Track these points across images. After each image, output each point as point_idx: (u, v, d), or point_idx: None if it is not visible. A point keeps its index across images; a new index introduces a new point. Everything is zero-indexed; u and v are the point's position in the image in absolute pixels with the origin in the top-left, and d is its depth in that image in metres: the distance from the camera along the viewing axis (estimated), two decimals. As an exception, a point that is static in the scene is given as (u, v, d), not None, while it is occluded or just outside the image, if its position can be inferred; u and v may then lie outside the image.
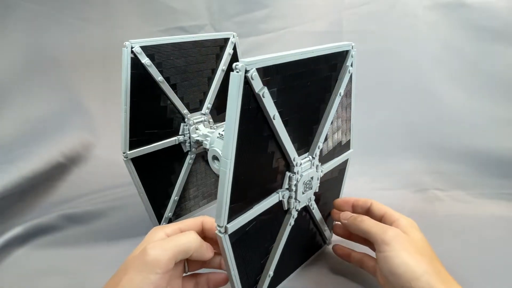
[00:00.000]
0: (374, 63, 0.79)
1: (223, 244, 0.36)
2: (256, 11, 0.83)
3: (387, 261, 0.39)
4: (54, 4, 0.83)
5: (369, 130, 0.82)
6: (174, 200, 0.62)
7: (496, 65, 0.72)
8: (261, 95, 0.34)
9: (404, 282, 0.37)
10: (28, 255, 0.56)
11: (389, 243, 0.39)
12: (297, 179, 0.43)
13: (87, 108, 0.90)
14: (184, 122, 0.59)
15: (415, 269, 0.37)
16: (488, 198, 0.70)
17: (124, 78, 0.50)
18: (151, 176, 0.58)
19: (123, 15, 0.89)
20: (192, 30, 0.87)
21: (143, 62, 0.51)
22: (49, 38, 0.84)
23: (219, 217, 0.35)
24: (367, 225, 0.43)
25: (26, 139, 0.78)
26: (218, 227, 0.35)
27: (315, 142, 0.45)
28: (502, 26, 0.70)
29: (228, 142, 0.33)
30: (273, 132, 0.38)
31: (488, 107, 0.74)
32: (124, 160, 0.54)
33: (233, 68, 0.31)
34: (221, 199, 0.34)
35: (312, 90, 0.41)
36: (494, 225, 0.62)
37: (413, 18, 0.75)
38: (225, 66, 0.63)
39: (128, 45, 0.49)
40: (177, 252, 0.35)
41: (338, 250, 0.52)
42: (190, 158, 0.62)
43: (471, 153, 0.75)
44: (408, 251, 0.39)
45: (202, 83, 0.61)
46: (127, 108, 0.51)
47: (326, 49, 0.41)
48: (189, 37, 0.56)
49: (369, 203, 0.48)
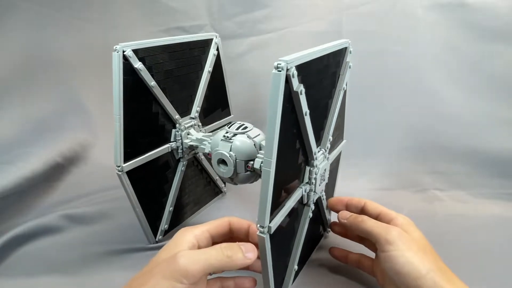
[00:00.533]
0: (374, 63, 0.79)
1: (264, 245, 0.36)
2: (256, 11, 0.83)
3: (391, 261, 0.39)
4: (54, 4, 0.83)
5: (369, 130, 0.82)
6: (169, 211, 0.59)
7: (496, 65, 0.72)
8: (299, 93, 0.35)
9: (410, 281, 0.37)
10: (28, 255, 0.56)
11: (393, 242, 0.40)
12: (316, 172, 0.45)
13: (86, 108, 0.90)
14: (175, 127, 0.57)
15: (420, 268, 0.37)
16: (488, 198, 0.70)
17: (116, 84, 0.46)
18: (145, 188, 0.54)
19: (122, 15, 0.89)
20: (192, 30, 0.87)
21: (136, 67, 0.47)
22: (48, 38, 0.84)
23: (263, 217, 0.35)
24: (369, 225, 0.43)
25: (25, 140, 0.77)
26: (261, 227, 0.35)
27: (325, 136, 0.47)
28: (502, 26, 0.70)
29: (270, 141, 0.33)
30: (301, 128, 0.39)
31: (488, 107, 0.74)
32: (119, 174, 0.49)
33: (275, 67, 0.32)
34: (264, 199, 0.34)
35: (324, 85, 0.44)
36: (494, 225, 0.62)
37: (413, 18, 0.75)
38: (211, 68, 0.61)
39: (119, 48, 0.45)
40: (208, 267, 0.34)
41: (334, 252, 0.52)
42: (182, 165, 0.60)
43: (471, 153, 0.75)
44: (412, 250, 0.39)
45: (189, 86, 0.59)
46: (121, 117, 0.47)
47: (335, 46, 0.43)
48: (174, 38, 0.53)
49: (362, 202, 0.48)
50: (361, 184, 0.77)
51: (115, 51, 0.45)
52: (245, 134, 0.50)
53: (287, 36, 0.83)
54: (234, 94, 0.89)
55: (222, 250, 0.35)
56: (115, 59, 0.45)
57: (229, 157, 0.48)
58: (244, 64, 0.86)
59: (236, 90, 0.89)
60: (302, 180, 0.44)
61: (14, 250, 0.56)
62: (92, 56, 0.89)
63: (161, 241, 0.59)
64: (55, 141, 0.81)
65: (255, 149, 0.49)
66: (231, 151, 0.49)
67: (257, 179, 0.52)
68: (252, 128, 0.51)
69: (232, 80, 0.89)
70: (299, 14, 0.81)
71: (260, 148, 0.50)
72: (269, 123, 0.33)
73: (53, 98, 0.85)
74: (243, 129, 0.50)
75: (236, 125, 0.52)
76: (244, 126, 0.51)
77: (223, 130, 0.52)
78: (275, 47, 0.84)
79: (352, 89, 0.77)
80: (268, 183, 0.34)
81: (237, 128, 0.51)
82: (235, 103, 0.89)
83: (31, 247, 0.58)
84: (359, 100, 0.81)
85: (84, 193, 0.73)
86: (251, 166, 0.49)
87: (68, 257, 0.55)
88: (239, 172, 0.49)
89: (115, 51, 0.45)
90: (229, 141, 0.49)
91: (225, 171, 0.50)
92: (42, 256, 0.55)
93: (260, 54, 0.85)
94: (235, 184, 0.53)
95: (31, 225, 0.60)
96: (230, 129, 0.51)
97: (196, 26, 0.87)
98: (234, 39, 0.86)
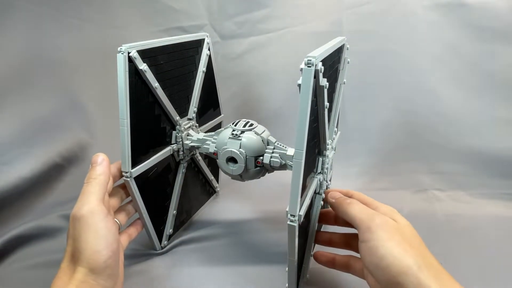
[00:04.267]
0: (374, 63, 0.79)
1: (294, 233, 0.37)
2: (256, 11, 0.82)
3: (371, 253, 0.35)
4: (53, 4, 0.83)
5: (368, 130, 0.82)
6: (173, 214, 0.59)
7: (496, 65, 0.72)
8: (324, 87, 0.38)
9: (390, 276, 0.33)
10: (28, 255, 0.56)
11: (374, 231, 0.35)
12: (327, 162, 0.47)
13: (85, 108, 0.90)
14: (175, 129, 0.56)
15: (402, 261, 0.32)
16: (488, 198, 0.70)
17: (122, 87, 0.44)
18: (150, 193, 0.53)
19: (122, 15, 0.89)
20: (192, 30, 0.87)
21: (141, 68, 0.46)
22: (48, 38, 0.84)
23: (294, 207, 0.37)
24: (355, 209, 0.39)
25: (23, 140, 0.77)
26: (292, 216, 0.37)
27: (332, 127, 0.50)
28: (502, 26, 0.70)
29: (301, 134, 0.35)
30: (319, 121, 0.42)
31: (488, 107, 0.74)
32: (126, 180, 0.48)
33: (305, 63, 0.33)
34: (296, 189, 0.36)
35: (332, 80, 0.46)
36: (494, 225, 0.62)
37: (413, 18, 0.75)
38: (205, 68, 0.61)
39: (124, 50, 0.43)
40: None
41: (320, 257, 0.47)
42: (183, 167, 0.59)
43: (471, 153, 0.75)
44: (394, 240, 0.34)
45: (186, 86, 0.58)
46: (127, 121, 0.45)
47: (339, 43, 0.47)
48: (170, 39, 0.52)
49: (350, 193, 0.46)
50: (361, 184, 0.77)
51: (120, 52, 0.43)
52: (252, 130, 0.51)
53: (287, 36, 0.83)
54: (234, 94, 0.89)
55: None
56: (120, 61, 0.43)
57: (240, 154, 0.49)
58: (244, 64, 0.86)
59: (236, 90, 0.89)
60: (316, 170, 0.46)
61: (13, 251, 0.56)
62: (91, 56, 0.88)
63: (166, 246, 0.58)
64: (54, 141, 0.81)
65: (263, 144, 0.50)
66: (240, 148, 0.50)
67: (265, 174, 0.53)
68: (257, 125, 0.52)
69: (232, 80, 0.89)
70: (299, 14, 0.81)
71: (267, 143, 0.51)
72: (300, 116, 0.35)
73: (51, 98, 0.85)
74: (250, 126, 0.52)
75: (242, 122, 0.53)
76: (250, 123, 0.52)
77: (229, 128, 0.52)
78: (275, 47, 0.84)
79: (352, 89, 0.78)
80: (300, 174, 0.36)
81: (244, 125, 0.52)
82: (235, 103, 0.89)
83: (30, 247, 0.57)
84: (359, 99, 0.81)
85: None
86: (260, 161, 0.50)
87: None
88: (249, 168, 0.50)
89: (120, 53, 0.43)
90: (238, 138, 0.50)
91: (235, 169, 0.51)
92: (42, 258, 0.55)
93: (260, 54, 0.85)
94: (243, 181, 0.54)
95: (30, 226, 0.60)
96: (237, 126, 0.52)
97: (196, 26, 0.87)
98: (234, 39, 0.85)
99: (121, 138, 0.46)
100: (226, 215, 0.67)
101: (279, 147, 0.51)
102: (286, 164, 0.50)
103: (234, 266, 0.54)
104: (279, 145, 0.51)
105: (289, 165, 0.49)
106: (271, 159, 0.50)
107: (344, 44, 0.50)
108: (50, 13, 0.83)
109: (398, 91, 0.79)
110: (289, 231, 0.38)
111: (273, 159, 0.50)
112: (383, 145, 0.81)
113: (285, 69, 0.83)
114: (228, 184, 0.75)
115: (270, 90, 0.86)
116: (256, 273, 0.52)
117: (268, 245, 0.58)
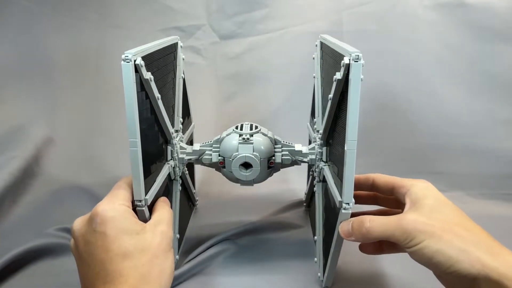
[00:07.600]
0: (374, 63, 0.78)
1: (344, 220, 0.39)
2: (256, 11, 0.82)
3: (417, 256, 0.34)
4: (50, 3, 0.82)
5: (368, 130, 0.82)
6: (176, 238, 0.51)
7: (496, 65, 0.72)
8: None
9: (444, 269, 0.33)
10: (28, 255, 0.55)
11: (413, 238, 0.34)
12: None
13: (84, 108, 0.89)
14: (168, 144, 0.49)
15: (451, 254, 0.32)
16: (488, 198, 0.70)
17: (131, 102, 0.37)
18: None
19: (120, 14, 0.88)
20: (190, 30, 0.87)
21: (146, 78, 0.39)
22: (44, 37, 0.83)
23: (350, 195, 0.38)
24: (379, 231, 0.36)
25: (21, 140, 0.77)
26: (347, 204, 0.38)
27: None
28: (502, 26, 0.70)
29: (353, 123, 0.38)
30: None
31: (488, 107, 0.74)
32: (140, 210, 0.40)
33: (342, 65, 0.36)
34: (350, 178, 0.37)
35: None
36: (494, 225, 0.62)
37: (413, 18, 0.75)
38: (183, 74, 0.55)
39: (131, 57, 0.35)
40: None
41: (366, 247, 0.43)
42: (178, 184, 0.52)
43: (471, 153, 0.75)
44: (435, 236, 0.33)
45: (171, 95, 0.51)
46: (138, 142, 0.38)
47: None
48: (159, 43, 0.45)
49: (371, 179, 0.44)
50: (361, 185, 0.77)
51: (126, 60, 0.35)
52: (260, 132, 0.50)
53: (286, 36, 0.82)
54: (234, 93, 0.89)
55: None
56: (127, 71, 0.36)
57: (255, 158, 0.48)
58: (243, 64, 0.86)
59: (235, 90, 0.88)
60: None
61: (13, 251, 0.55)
62: (89, 56, 0.88)
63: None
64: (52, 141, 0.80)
65: (272, 145, 0.50)
66: (254, 152, 0.48)
67: (272, 173, 0.52)
68: (260, 126, 0.51)
69: (231, 80, 0.89)
70: (299, 14, 0.81)
71: (275, 143, 0.51)
72: (350, 108, 0.38)
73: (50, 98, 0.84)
74: (256, 129, 0.50)
75: (247, 126, 0.51)
76: (255, 125, 0.51)
77: (233, 133, 0.49)
78: (274, 47, 0.83)
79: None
80: (353, 162, 0.37)
81: (250, 128, 0.50)
82: (235, 103, 0.88)
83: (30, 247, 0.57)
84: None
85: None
86: (273, 162, 0.50)
87: (68, 257, 0.54)
88: (262, 170, 0.49)
89: (126, 61, 0.35)
90: (250, 142, 0.48)
91: (249, 174, 0.48)
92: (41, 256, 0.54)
93: (259, 54, 0.85)
94: (251, 185, 0.52)
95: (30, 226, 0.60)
96: (243, 130, 0.49)
97: (194, 26, 0.86)
98: (234, 39, 0.85)
99: (131, 161, 0.38)
100: (204, 225, 0.61)
101: (287, 145, 0.51)
102: (296, 160, 0.50)
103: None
104: (285, 142, 0.51)
105: (299, 160, 0.50)
106: (283, 157, 0.50)
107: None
108: (47, 12, 0.83)
109: (398, 91, 0.79)
110: (342, 219, 0.39)
111: (284, 157, 0.50)
112: (383, 145, 0.81)
113: (285, 69, 0.83)
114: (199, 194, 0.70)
115: (269, 90, 0.86)
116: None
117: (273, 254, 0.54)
